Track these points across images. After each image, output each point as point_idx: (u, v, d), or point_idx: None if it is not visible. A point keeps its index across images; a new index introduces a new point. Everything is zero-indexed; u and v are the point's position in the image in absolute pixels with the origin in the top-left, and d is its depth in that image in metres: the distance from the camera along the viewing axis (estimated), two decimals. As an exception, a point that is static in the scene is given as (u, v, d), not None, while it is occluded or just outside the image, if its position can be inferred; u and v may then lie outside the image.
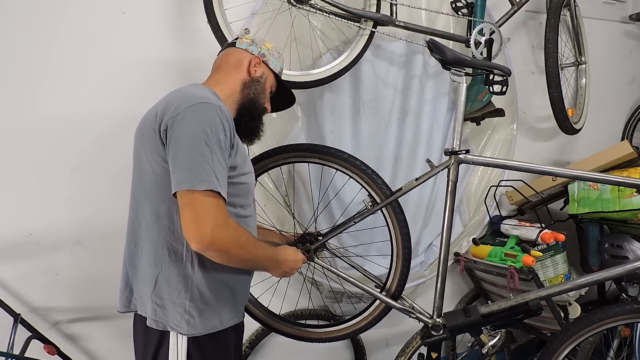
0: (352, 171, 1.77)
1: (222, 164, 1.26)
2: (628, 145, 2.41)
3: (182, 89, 1.38)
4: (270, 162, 1.82)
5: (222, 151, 1.27)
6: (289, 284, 2.21)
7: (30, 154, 1.85)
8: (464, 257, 2.51)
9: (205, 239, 1.22)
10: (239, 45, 1.55)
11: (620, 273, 1.63)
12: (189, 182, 1.21)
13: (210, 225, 1.21)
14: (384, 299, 1.80)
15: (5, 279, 1.89)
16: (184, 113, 1.25)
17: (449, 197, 1.69)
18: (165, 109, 1.28)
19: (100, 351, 2.10)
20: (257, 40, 1.57)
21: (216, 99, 1.33)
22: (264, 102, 1.55)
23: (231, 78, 1.50)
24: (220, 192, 1.24)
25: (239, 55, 1.53)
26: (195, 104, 1.26)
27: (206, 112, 1.26)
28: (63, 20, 1.82)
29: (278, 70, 1.60)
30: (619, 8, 3.07)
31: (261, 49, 1.56)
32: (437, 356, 1.85)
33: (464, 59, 1.67)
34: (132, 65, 1.92)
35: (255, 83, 1.52)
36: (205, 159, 1.22)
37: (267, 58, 1.56)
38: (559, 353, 1.86)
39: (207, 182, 1.21)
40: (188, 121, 1.24)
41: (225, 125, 1.29)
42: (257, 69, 1.53)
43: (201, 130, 1.23)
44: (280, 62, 1.61)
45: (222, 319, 1.41)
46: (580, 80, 2.86)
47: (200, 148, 1.22)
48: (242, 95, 1.49)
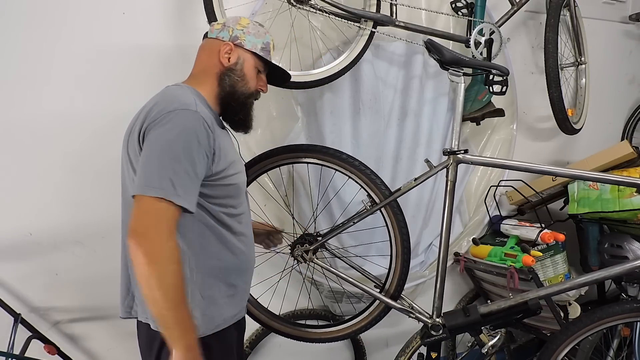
0: (351, 171, 1.78)
1: (188, 173, 1.20)
2: (628, 145, 2.41)
3: (168, 92, 1.35)
4: (269, 162, 1.82)
5: (192, 160, 1.22)
6: (289, 283, 2.22)
7: (31, 154, 1.85)
8: (464, 257, 2.51)
9: (131, 235, 1.13)
10: (210, 35, 1.48)
11: (619, 272, 1.63)
12: (142, 188, 1.17)
13: (147, 226, 1.14)
14: (383, 299, 1.80)
15: (6, 278, 1.89)
16: (161, 118, 1.23)
17: (447, 196, 1.69)
18: (148, 114, 1.26)
19: (100, 351, 2.10)
20: (229, 21, 1.48)
21: (196, 104, 1.29)
22: (246, 89, 1.47)
23: (208, 73, 1.45)
24: (174, 201, 1.16)
25: (211, 45, 1.47)
26: (174, 110, 1.24)
27: (183, 119, 1.23)
28: (63, 21, 1.82)
29: (259, 47, 1.47)
30: (618, 8, 3.07)
31: (233, 31, 1.45)
32: (436, 356, 1.85)
33: (462, 59, 1.67)
34: (133, 65, 1.92)
35: (230, 72, 1.44)
36: (166, 166, 1.18)
37: (241, 40, 1.45)
38: (559, 352, 1.86)
39: (159, 190, 1.16)
40: (163, 127, 1.22)
41: (201, 133, 1.24)
42: (230, 56, 1.44)
43: (173, 137, 1.21)
44: (261, 38, 1.48)
45: (225, 317, 1.41)
46: (580, 80, 2.86)
47: (165, 155, 1.19)
48: (220, 89, 1.44)
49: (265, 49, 1.49)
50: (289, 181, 2.21)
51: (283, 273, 2.11)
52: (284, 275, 2.12)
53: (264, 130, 2.14)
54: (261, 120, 2.13)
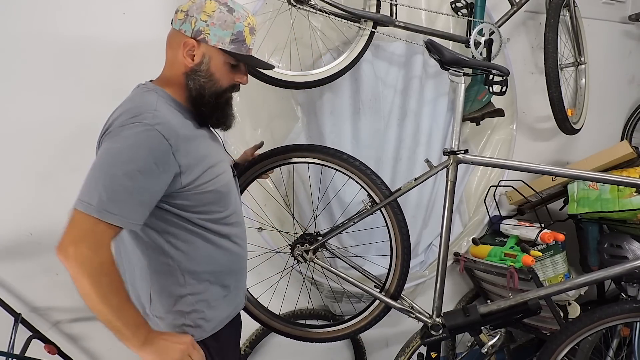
0: (351, 171, 1.78)
1: (127, 189, 1.12)
2: (627, 145, 2.41)
3: (134, 100, 1.27)
4: (268, 163, 1.82)
5: (135, 176, 1.13)
6: (289, 283, 2.22)
7: (31, 154, 1.85)
8: (464, 256, 2.52)
9: (61, 250, 1.09)
10: (173, 25, 1.31)
11: (618, 272, 1.63)
12: (76, 201, 1.12)
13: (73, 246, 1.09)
14: (383, 299, 1.80)
15: (6, 278, 1.89)
16: (115, 131, 1.16)
17: (447, 197, 1.69)
18: (111, 124, 1.21)
19: (101, 351, 2.10)
20: (192, 9, 1.27)
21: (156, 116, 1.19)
22: (216, 89, 1.32)
23: (175, 73, 1.31)
24: (100, 217, 1.09)
25: (174, 39, 1.31)
26: (131, 123, 1.15)
27: (135, 134, 1.14)
28: (63, 21, 1.82)
29: (227, 41, 1.28)
30: (618, 8, 3.08)
31: (196, 23, 1.26)
32: (436, 356, 1.86)
33: (462, 59, 1.67)
34: (133, 65, 1.92)
35: (195, 74, 1.29)
36: (100, 182, 1.11)
37: (205, 34, 1.26)
38: (558, 352, 1.87)
39: (86, 205, 1.10)
40: (111, 140, 1.16)
41: (156, 150, 1.15)
42: (194, 54, 1.28)
43: (119, 152, 1.13)
44: (229, 28, 1.27)
45: (221, 318, 1.42)
46: (579, 80, 2.86)
47: (103, 170, 1.12)
48: (188, 92, 1.31)
49: (237, 40, 1.29)
50: (289, 181, 2.21)
51: (283, 273, 2.11)
52: (284, 275, 2.12)
53: (264, 131, 2.14)
54: (261, 120, 2.14)
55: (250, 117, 2.10)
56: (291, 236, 1.94)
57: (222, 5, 1.28)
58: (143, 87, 1.33)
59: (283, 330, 1.95)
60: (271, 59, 2.02)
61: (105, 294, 1.11)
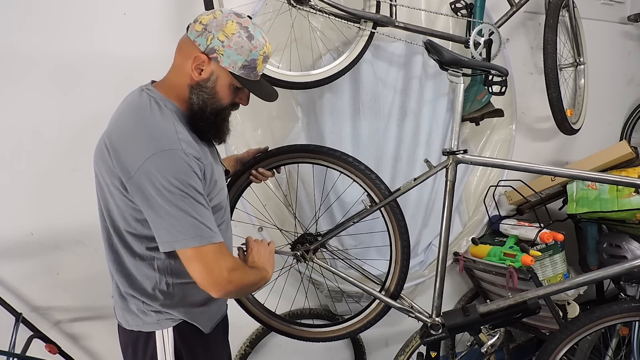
0: (350, 171, 1.78)
1: (206, 208, 1.22)
2: (626, 145, 2.42)
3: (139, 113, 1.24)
4: (265, 164, 1.82)
5: (201, 195, 1.21)
6: (289, 283, 2.22)
7: (32, 153, 1.85)
8: (463, 256, 2.52)
9: (225, 285, 1.22)
10: (189, 34, 1.28)
11: (617, 272, 1.64)
12: (182, 242, 1.19)
13: (226, 272, 1.22)
14: (383, 299, 1.81)
15: (7, 278, 1.89)
16: (147, 167, 1.15)
17: (447, 196, 1.69)
18: (128, 152, 1.19)
19: (101, 350, 2.11)
20: (211, 25, 1.25)
21: (178, 137, 1.20)
22: (217, 105, 1.32)
23: (180, 81, 1.30)
24: (216, 239, 1.21)
25: (187, 49, 1.28)
26: (156, 154, 1.16)
27: (171, 162, 1.17)
28: (64, 22, 1.82)
29: (238, 66, 1.27)
30: (617, 9, 3.08)
31: (212, 40, 1.24)
32: (436, 355, 1.86)
33: (461, 60, 1.68)
34: (133, 66, 1.92)
35: (199, 88, 1.28)
36: (188, 214, 1.17)
37: (218, 54, 1.25)
38: (558, 351, 1.87)
39: (199, 238, 1.19)
40: (156, 177, 1.15)
41: (195, 167, 1.20)
42: (202, 70, 1.27)
43: (174, 185, 1.16)
44: (244, 55, 1.26)
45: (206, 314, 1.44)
46: (578, 80, 2.87)
47: (180, 204, 1.16)
48: (190, 104, 1.30)
49: (249, 67, 1.29)
50: (289, 181, 2.22)
51: (282, 273, 2.11)
52: (283, 273, 2.12)
53: (265, 131, 2.15)
54: (261, 120, 2.14)
55: (250, 118, 2.10)
56: (292, 235, 1.94)
57: (242, 30, 1.27)
58: (146, 94, 1.30)
59: (283, 330, 1.96)
60: (271, 59, 2.02)
61: (251, 280, 1.33)
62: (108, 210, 1.30)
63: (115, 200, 1.26)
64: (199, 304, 1.40)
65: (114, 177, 1.23)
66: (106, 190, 1.28)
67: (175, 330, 1.35)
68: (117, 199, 1.25)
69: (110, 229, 1.32)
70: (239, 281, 1.26)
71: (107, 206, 1.30)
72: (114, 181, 1.23)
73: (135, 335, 1.37)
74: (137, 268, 1.32)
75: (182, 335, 1.36)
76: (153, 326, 1.34)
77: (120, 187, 1.23)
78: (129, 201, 1.23)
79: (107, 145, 1.24)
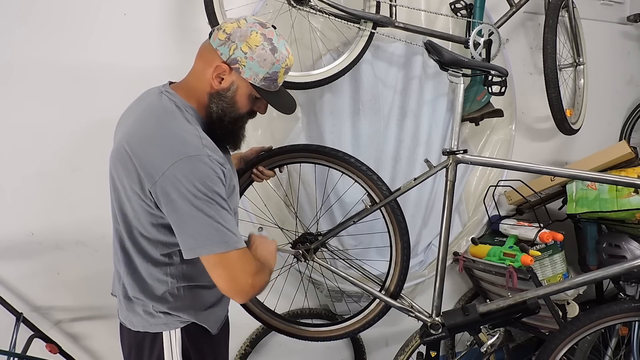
0: (351, 171, 1.78)
1: (229, 214, 1.23)
2: (626, 145, 2.42)
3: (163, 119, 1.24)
4: (267, 163, 1.82)
5: (225, 200, 1.22)
6: (289, 283, 2.23)
7: (33, 153, 1.86)
8: (463, 256, 2.52)
9: (249, 291, 1.25)
10: (211, 42, 1.28)
11: (617, 272, 1.64)
12: (208, 248, 1.19)
13: (250, 278, 1.23)
14: (383, 298, 1.81)
15: (8, 278, 1.90)
16: (172, 172, 1.16)
17: (447, 196, 1.70)
18: (154, 158, 1.18)
19: (101, 350, 2.11)
20: (235, 34, 1.24)
21: (203, 144, 1.21)
22: (235, 114, 1.32)
23: (200, 87, 1.30)
24: (240, 245, 1.22)
25: (208, 57, 1.28)
26: (182, 160, 1.16)
27: (196, 168, 1.17)
28: (64, 22, 1.83)
29: (259, 77, 1.28)
30: (616, 9, 3.08)
31: (235, 51, 1.24)
32: (436, 355, 1.87)
33: (461, 60, 1.68)
34: (134, 66, 1.93)
35: (219, 97, 1.29)
36: (214, 219, 1.18)
37: (240, 65, 1.25)
38: (557, 351, 1.88)
39: (225, 244, 1.19)
40: (181, 183, 1.15)
41: (219, 172, 1.21)
42: (223, 79, 1.27)
43: (199, 191, 1.16)
44: (266, 67, 1.27)
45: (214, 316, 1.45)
46: (578, 81, 2.87)
47: (206, 209, 1.17)
48: (209, 112, 1.30)
49: (270, 79, 1.29)
50: (290, 180, 2.22)
51: (282, 272, 2.12)
52: (282, 272, 2.12)
53: (265, 131, 2.15)
54: (262, 120, 2.14)
55: (250, 118, 2.11)
56: (292, 234, 1.95)
57: (266, 42, 1.27)
58: (167, 97, 1.29)
59: (283, 329, 1.96)
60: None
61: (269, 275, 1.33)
62: (123, 213, 1.30)
63: (132, 204, 1.26)
64: (208, 306, 1.41)
65: (134, 182, 1.22)
66: (122, 193, 1.28)
67: (183, 330, 1.36)
68: (134, 203, 1.25)
69: (124, 232, 1.32)
70: (260, 284, 1.27)
71: (122, 209, 1.30)
72: (133, 185, 1.23)
73: (142, 336, 1.37)
74: (149, 272, 1.32)
75: (190, 335, 1.37)
76: (160, 327, 1.35)
77: (139, 191, 1.22)
78: (147, 206, 1.23)
79: (128, 149, 1.23)
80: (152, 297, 1.34)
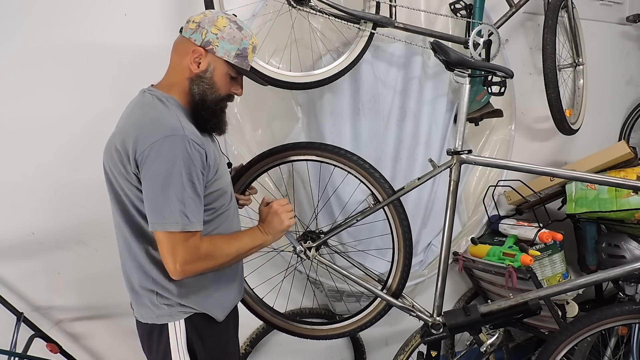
0: (355, 169, 1.78)
1: (193, 199, 1.28)
2: (625, 145, 2.43)
3: (148, 111, 1.33)
4: (270, 161, 1.83)
5: (193, 185, 1.28)
6: (288, 281, 2.23)
7: (33, 153, 1.86)
8: (463, 256, 2.53)
9: (178, 274, 1.30)
10: (183, 33, 1.40)
11: (619, 274, 1.65)
12: (160, 224, 1.26)
13: (179, 263, 1.28)
14: (385, 297, 1.81)
15: (8, 278, 1.90)
16: (152, 149, 1.24)
17: (450, 196, 1.70)
18: (135, 142, 1.26)
19: (102, 349, 2.11)
20: (204, 21, 1.37)
21: (182, 125, 1.29)
22: (216, 96, 1.41)
23: (179, 77, 1.39)
24: (190, 229, 1.27)
25: (183, 46, 1.39)
26: (164, 138, 1.24)
27: (174, 147, 1.25)
28: (65, 22, 1.83)
29: (232, 55, 1.38)
30: (616, 10, 3.09)
31: (206, 34, 1.35)
32: (436, 354, 1.87)
33: (468, 61, 1.68)
34: (134, 66, 1.93)
35: (199, 80, 1.38)
36: (173, 200, 1.25)
37: (213, 45, 1.36)
38: (557, 353, 1.88)
39: (174, 224, 1.25)
40: (157, 160, 1.24)
41: (194, 156, 1.28)
42: (200, 62, 1.37)
43: (170, 170, 1.24)
44: (236, 44, 1.38)
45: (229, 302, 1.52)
46: (577, 81, 2.88)
47: (169, 189, 1.25)
48: (191, 96, 1.39)
49: (241, 55, 1.40)
50: (289, 180, 2.22)
51: (284, 271, 2.12)
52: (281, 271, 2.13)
53: (265, 131, 2.16)
54: (261, 120, 2.15)
55: (250, 118, 2.11)
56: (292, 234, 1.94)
57: (232, 23, 1.39)
58: (149, 94, 1.38)
59: (284, 328, 1.96)
60: (271, 59, 2.03)
61: (226, 254, 1.38)
62: (121, 202, 1.36)
63: (125, 192, 1.33)
64: (211, 292, 1.45)
65: (120, 169, 1.30)
66: (116, 184, 1.34)
67: (187, 321, 1.40)
68: (127, 190, 1.32)
69: (123, 221, 1.37)
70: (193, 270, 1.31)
71: (118, 199, 1.36)
72: (124, 172, 1.30)
73: (150, 327, 1.42)
74: (149, 256, 1.37)
75: (193, 326, 1.41)
76: (165, 318, 1.39)
77: (127, 176, 1.30)
78: (137, 191, 1.31)
79: (118, 138, 1.31)
80: (155, 284, 1.38)
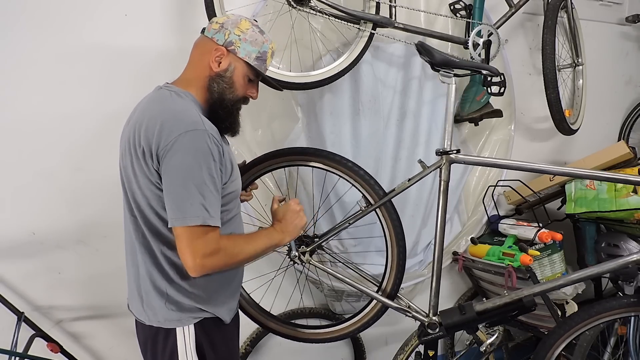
0: (345, 172, 1.78)
1: (213, 193, 1.28)
2: (624, 145, 2.43)
3: (168, 105, 1.33)
4: (264, 166, 1.83)
5: (213, 179, 1.28)
6: (287, 282, 2.24)
7: (34, 153, 1.87)
8: (462, 256, 2.53)
9: (197, 269, 1.28)
10: (206, 33, 1.43)
11: (612, 267, 1.64)
12: (180, 219, 1.25)
13: (199, 257, 1.26)
14: (380, 299, 1.81)
15: (9, 277, 1.91)
16: (175, 143, 1.24)
17: (441, 196, 1.70)
18: (158, 135, 1.25)
19: (102, 349, 2.12)
20: (227, 23, 1.41)
21: (202, 120, 1.30)
22: (234, 96, 1.43)
23: (199, 75, 1.41)
24: (210, 224, 1.26)
25: (205, 46, 1.42)
26: (185, 132, 1.24)
27: (196, 141, 1.25)
28: (65, 22, 1.84)
29: (253, 57, 1.42)
30: (615, 10, 3.09)
31: (229, 35, 1.39)
32: (433, 354, 1.87)
33: (452, 60, 1.67)
34: (135, 66, 1.94)
35: (219, 78, 1.40)
36: (194, 193, 1.24)
37: (235, 46, 1.39)
38: (555, 347, 1.87)
39: (195, 218, 1.24)
40: (179, 153, 1.24)
41: (214, 150, 1.28)
42: (221, 62, 1.39)
43: (192, 163, 1.24)
44: (257, 46, 1.42)
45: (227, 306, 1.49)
46: (577, 81, 2.88)
47: (190, 183, 1.24)
48: (209, 94, 1.41)
49: (261, 58, 1.44)
50: (289, 182, 2.23)
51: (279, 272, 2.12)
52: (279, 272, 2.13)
53: (265, 131, 2.16)
54: (261, 121, 2.15)
55: (250, 118, 2.12)
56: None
57: (254, 26, 1.44)
58: (166, 89, 1.39)
59: (280, 331, 1.96)
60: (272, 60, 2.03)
61: (244, 253, 1.37)
62: (136, 202, 1.35)
63: (143, 191, 1.32)
64: (221, 294, 1.44)
65: (142, 165, 1.30)
66: (134, 183, 1.33)
67: (197, 326, 1.39)
68: (146, 188, 1.31)
69: (137, 221, 1.36)
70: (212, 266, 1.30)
71: (134, 198, 1.35)
72: (145, 170, 1.30)
73: (155, 330, 1.39)
74: (165, 256, 1.36)
75: (203, 330, 1.40)
76: (174, 323, 1.38)
77: (148, 173, 1.29)
78: (155, 189, 1.30)
79: (135, 134, 1.30)
80: (168, 286, 1.37)
